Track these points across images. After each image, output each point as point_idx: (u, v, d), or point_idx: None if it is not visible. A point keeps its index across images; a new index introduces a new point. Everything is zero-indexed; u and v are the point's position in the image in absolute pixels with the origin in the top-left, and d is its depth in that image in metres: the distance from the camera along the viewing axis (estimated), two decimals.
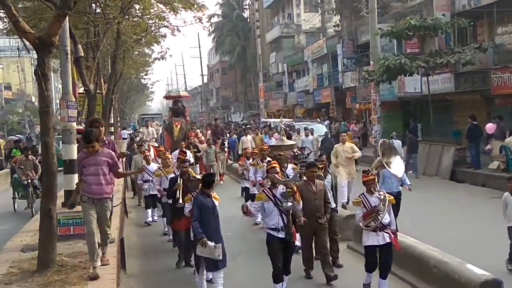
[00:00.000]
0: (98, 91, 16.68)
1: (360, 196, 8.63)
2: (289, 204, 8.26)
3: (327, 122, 33.47)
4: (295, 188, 8.35)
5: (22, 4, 16.15)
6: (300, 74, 47.96)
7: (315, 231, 9.33)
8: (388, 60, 22.55)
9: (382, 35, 24.11)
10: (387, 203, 8.40)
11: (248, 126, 33.86)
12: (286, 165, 10.83)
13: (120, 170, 8.65)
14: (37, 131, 52.28)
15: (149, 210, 14.82)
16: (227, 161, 24.93)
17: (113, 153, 8.39)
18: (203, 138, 24.06)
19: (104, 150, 8.25)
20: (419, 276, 8.61)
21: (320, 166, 10.53)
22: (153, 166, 14.01)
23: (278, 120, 36.33)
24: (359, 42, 33.99)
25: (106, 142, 10.08)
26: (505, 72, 21.09)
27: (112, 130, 32.54)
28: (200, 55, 77.12)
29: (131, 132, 38.05)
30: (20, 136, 46.73)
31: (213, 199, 8.48)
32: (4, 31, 19.10)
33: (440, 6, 24.40)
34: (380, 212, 8.31)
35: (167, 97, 27.66)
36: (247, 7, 64.33)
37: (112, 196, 8.44)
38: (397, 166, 10.52)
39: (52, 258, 7.81)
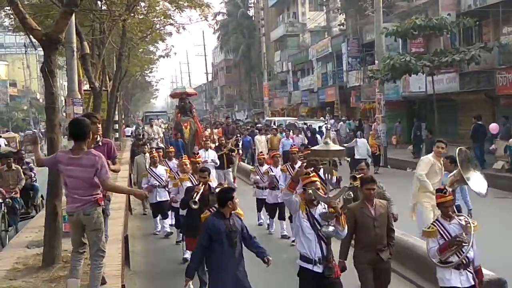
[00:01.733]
0: (104, 88, 16.74)
1: (435, 223, 6.78)
2: (330, 229, 6.34)
3: (332, 121, 33.38)
4: (339, 208, 6.38)
5: (28, 1, 16.19)
6: (304, 72, 47.95)
7: (374, 270, 7.07)
8: (393, 59, 22.53)
9: (387, 34, 24.07)
10: (472, 231, 6.56)
11: (259, 125, 32.68)
12: (329, 176, 7.81)
13: (109, 180, 6.46)
14: (42, 127, 52.45)
15: (157, 219, 13.25)
16: (239, 162, 22.71)
17: (102, 157, 6.43)
18: (215, 137, 21.86)
19: (91, 153, 6.33)
20: (423, 276, 8.51)
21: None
22: (160, 169, 12.94)
23: (292, 119, 36.33)
24: (364, 41, 33.99)
25: (101, 143, 7.88)
26: (511, 72, 21.06)
27: (117, 127, 32.65)
28: (205, 53, 77.16)
29: (134, 130, 37.55)
30: (35, 130, 46.82)
31: (234, 220, 6.63)
32: (11, 28, 19.15)
33: (445, 5, 24.38)
34: (464, 244, 6.46)
35: (173, 95, 26.06)
36: (252, 5, 64.31)
37: (105, 199, 7.38)
38: (478, 181, 8.18)
39: (57, 254, 7.82)
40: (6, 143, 31.79)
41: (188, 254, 10.35)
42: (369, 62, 32.67)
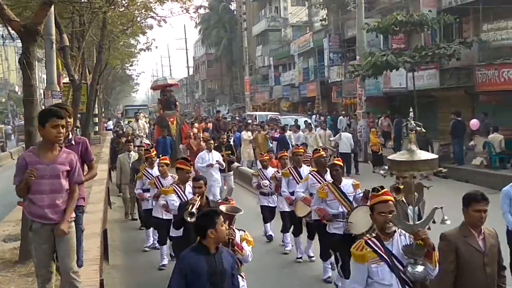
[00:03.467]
0: (83, 81, 16.58)
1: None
2: (419, 269, 4.64)
3: (314, 116, 33.44)
4: (430, 240, 4.64)
5: None
6: (286, 67, 47.96)
7: None
8: (374, 56, 22.60)
9: (369, 30, 24.13)
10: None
11: (244, 119, 31.57)
12: (419, 196, 5.65)
13: (80, 181, 5.75)
14: (19, 120, 51.84)
15: (151, 231, 11.33)
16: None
17: (75, 156, 5.66)
18: (206, 135, 19.38)
19: (63, 154, 5.52)
20: None
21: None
22: (157, 171, 10.82)
23: (274, 113, 35.81)
24: (346, 37, 34.06)
25: (74, 142, 6.69)
26: (490, 69, 21.23)
27: (97, 121, 32.40)
28: (186, 47, 76.87)
29: (115, 124, 36.48)
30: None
31: (223, 256, 4.91)
32: None
33: (426, 2, 24.49)
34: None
35: (154, 87, 24.80)
36: None
37: (82, 210, 6.49)
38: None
39: None
40: None
41: (166, 261, 9.98)
42: (350, 58, 32.75)
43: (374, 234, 4.77)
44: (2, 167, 25.09)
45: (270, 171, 11.73)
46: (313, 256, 10.04)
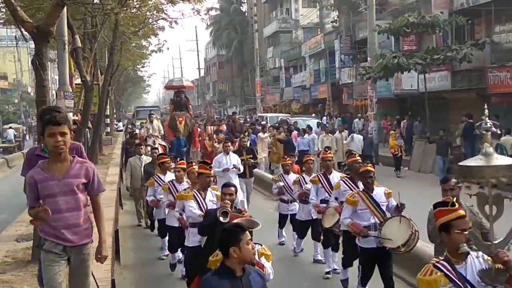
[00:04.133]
0: (95, 82, 16.67)
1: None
2: None
3: (324, 118, 33.34)
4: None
5: None
6: (297, 69, 47.94)
7: None
8: (385, 59, 22.56)
9: (380, 32, 24.12)
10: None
11: (257, 121, 30.75)
12: (498, 211, 4.58)
13: (102, 190, 5.14)
14: (32, 121, 52.20)
15: (166, 240, 10.47)
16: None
17: (91, 166, 5.05)
18: (221, 136, 18.93)
19: (76, 164, 4.89)
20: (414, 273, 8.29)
21: None
22: (170, 177, 10.19)
23: (285, 115, 35.50)
24: (357, 38, 34.02)
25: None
26: (502, 71, 21.13)
27: (108, 122, 32.55)
28: (197, 49, 77.00)
29: (129, 126, 36.23)
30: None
31: (251, 279, 4.26)
32: (2, 21, 19.02)
33: (438, 3, 24.43)
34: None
35: (168, 87, 24.49)
36: (245, 1, 64.21)
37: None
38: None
39: None
40: (16, 133, 38.56)
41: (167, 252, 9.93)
42: (361, 59, 32.69)
43: (441, 257, 4.11)
44: (15, 166, 25.26)
45: (292, 176, 11.00)
46: (337, 269, 9.15)
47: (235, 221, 5.19)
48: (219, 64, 73.87)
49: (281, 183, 10.95)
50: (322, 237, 9.62)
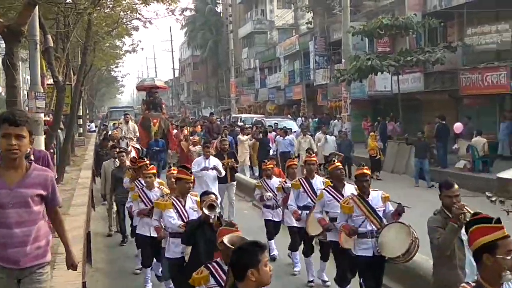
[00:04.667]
0: (67, 82, 16.45)
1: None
2: None
3: (299, 119, 33.42)
4: None
5: None
6: (272, 70, 48.04)
7: None
8: (359, 61, 22.72)
9: (354, 33, 24.28)
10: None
11: (235, 122, 29.85)
12: None
13: (59, 203, 4.51)
14: None
15: (148, 271, 9.22)
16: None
17: (51, 174, 4.41)
18: (197, 138, 18.59)
19: (33, 172, 4.24)
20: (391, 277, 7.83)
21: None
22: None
23: (259, 116, 35.45)
24: (331, 40, 34.20)
25: (33, 156, 5.63)
26: (474, 73, 21.42)
27: (81, 123, 32.22)
28: (172, 49, 76.70)
29: (102, 127, 35.58)
30: None
31: None
32: None
33: (412, 5, 24.67)
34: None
35: (140, 87, 23.85)
36: (220, 1, 64.17)
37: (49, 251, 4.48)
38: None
39: None
40: None
41: (150, 286, 8.81)
42: (336, 61, 32.88)
43: (472, 283, 3.55)
44: None
45: (275, 181, 10.49)
46: (327, 281, 8.71)
47: (224, 238, 4.62)
48: (193, 65, 73.71)
49: (269, 194, 10.25)
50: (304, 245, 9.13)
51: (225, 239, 4.61)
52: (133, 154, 15.67)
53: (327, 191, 8.08)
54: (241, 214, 13.70)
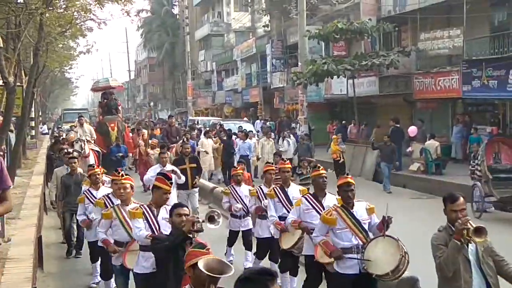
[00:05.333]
0: (18, 83, 16.04)
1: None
2: None
3: (258, 121, 33.18)
4: None
5: None
6: (229, 73, 47.95)
7: None
8: (315, 65, 22.87)
9: (310, 37, 24.45)
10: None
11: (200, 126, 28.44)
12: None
13: (8, 185, 4.42)
14: None
15: (97, 265, 9.01)
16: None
17: None
18: (155, 141, 18.11)
19: None
20: None
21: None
22: (104, 192, 8.69)
23: (216, 118, 35.21)
24: (288, 43, 34.35)
25: None
26: (427, 77, 21.83)
27: (33, 125, 31.50)
28: (128, 51, 75.89)
29: (55, 130, 34.49)
30: None
31: None
32: None
33: (367, 10, 24.98)
34: None
35: (94, 89, 22.92)
36: (176, 3, 63.74)
37: None
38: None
39: None
40: None
41: (98, 278, 8.83)
42: (292, 64, 33.02)
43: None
44: None
45: (244, 188, 9.97)
46: None
47: (200, 262, 4.07)
48: (150, 67, 73.04)
49: (239, 205, 9.71)
50: (279, 259, 8.60)
51: (201, 264, 4.04)
52: (92, 157, 15.29)
53: (306, 198, 7.56)
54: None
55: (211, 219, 5.60)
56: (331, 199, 7.34)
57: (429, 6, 21.49)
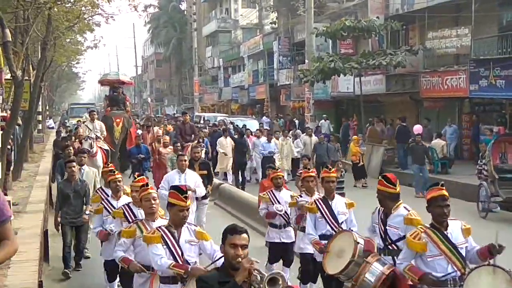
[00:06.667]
0: (26, 77, 16.10)
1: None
2: None
3: (264, 118, 32.99)
4: None
5: None
6: (235, 69, 47.96)
7: None
8: (322, 62, 22.84)
9: (318, 35, 24.41)
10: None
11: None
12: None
13: (6, 217, 3.63)
14: None
15: (115, 284, 8.07)
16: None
17: None
18: (167, 139, 16.26)
19: None
20: None
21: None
22: (124, 201, 7.72)
23: (223, 115, 35.05)
24: (295, 40, 34.32)
25: None
26: (434, 76, 21.76)
27: (40, 119, 31.64)
28: (135, 46, 75.98)
29: (60, 124, 34.30)
30: None
31: None
32: None
33: (374, 8, 24.92)
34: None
35: (102, 81, 22.09)
36: None
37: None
38: None
39: None
40: None
41: None
42: (299, 61, 33.00)
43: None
44: None
45: (285, 194, 8.60)
46: None
47: None
48: (157, 62, 73.12)
49: (280, 206, 8.36)
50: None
51: None
52: (100, 157, 14.54)
53: (316, 203, 7.13)
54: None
55: (271, 281, 4.06)
56: (340, 201, 7.09)
57: (437, 4, 21.42)
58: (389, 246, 5.89)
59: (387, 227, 5.95)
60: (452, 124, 21.65)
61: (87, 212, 9.45)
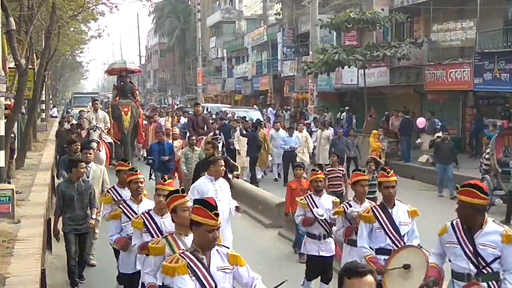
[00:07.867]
0: (30, 66, 16.11)
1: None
2: None
3: (270, 109, 32.68)
4: None
5: None
6: (239, 60, 47.89)
7: None
8: (326, 54, 22.79)
9: (322, 26, 24.35)
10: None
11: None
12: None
13: None
14: None
15: None
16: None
17: None
18: (177, 131, 15.55)
19: None
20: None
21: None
22: (147, 206, 6.49)
23: (226, 106, 34.99)
24: (299, 32, 34.25)
25: None
26: (438, 69, 21.70)
27: (44, 108, 31.67)
28: (139, 35, 75.80)
29: (63, 114, 33.77)
30: None
31: None
32: None
33: (379, 0, 24.81)
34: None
35: (109, 71, 21.21)
36: None
37: None
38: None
39: None
40: None
41: None
42: (303, 53, 32.93)
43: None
44: None
45: (326, 199, 7.62)
46: None
47: None
48: (160, 52, 72.94)
49: (321, 211, 7.37)
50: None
51: None
52: (104, 152, 14.08)
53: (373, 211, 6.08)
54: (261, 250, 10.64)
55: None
56: (402, 209, 6.05)
57: None
58: (483, 270, 4.90)
59: (479, 247, 4.93)
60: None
61: (93, 216, 8.32)
